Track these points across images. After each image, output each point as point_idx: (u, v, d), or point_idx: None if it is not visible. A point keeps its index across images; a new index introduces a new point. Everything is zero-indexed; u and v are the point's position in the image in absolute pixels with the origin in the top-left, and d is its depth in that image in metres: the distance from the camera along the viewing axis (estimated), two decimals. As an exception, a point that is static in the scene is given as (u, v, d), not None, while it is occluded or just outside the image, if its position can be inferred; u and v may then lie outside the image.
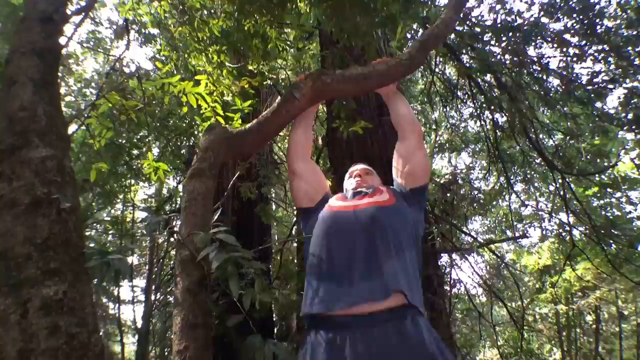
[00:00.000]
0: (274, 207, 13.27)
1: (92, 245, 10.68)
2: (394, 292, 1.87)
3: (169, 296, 11.47)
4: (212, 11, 4.24)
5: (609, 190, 10.51)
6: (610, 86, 6.77)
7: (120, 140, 8.99)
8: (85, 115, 3.62)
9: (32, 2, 2.81)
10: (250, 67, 4.03)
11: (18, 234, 1.97)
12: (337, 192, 2.52)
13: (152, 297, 11.94)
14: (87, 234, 11.67)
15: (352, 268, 1.96)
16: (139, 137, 9.55)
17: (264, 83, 4.16)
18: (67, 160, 2.32)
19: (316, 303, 1.95)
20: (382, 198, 2.28)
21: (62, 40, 2.84)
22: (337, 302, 1.89)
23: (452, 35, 7.30)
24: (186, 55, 4.18)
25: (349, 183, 2.58)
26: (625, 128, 7.10)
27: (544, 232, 14.38)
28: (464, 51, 7.74)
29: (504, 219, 13.75)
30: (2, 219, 2.00)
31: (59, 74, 2.72)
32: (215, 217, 2.66)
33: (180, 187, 11.52)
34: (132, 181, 11.40)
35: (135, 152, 9.78)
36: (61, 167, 2.24)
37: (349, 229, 2.11)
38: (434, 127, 12.97)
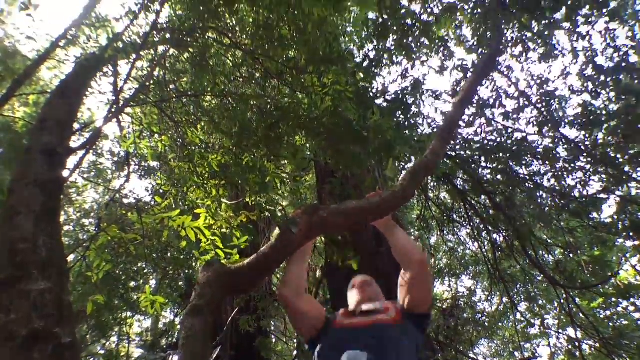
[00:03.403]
0: (273, 340, 12.87)
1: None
2: None
3: None
4: (211, 146, 4.39)
5: (613, 300, 10.33)
6: (604, 196, 6.91)
7: (117, 272, 8.92)
8: (84, 246, 3.63)
9: (37, 135, 2.92)
10: (247, 200, 4.10)
11: (14, 368, 1.91)
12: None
13: None
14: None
15: None
16: (136, 269, 9.49)
17: (262, 215, 4.22)
18: (65, 294, 2.30)
19: None
20: (389, 316, 2.48)
21: (65, 173, 2.91)
22: None
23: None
24: (185, 189, 4.26)
25: (353, 295, 2.76)
26: (623, 235, 7.15)
27: (552, 350, 13.92)
28: (456, 174, 7.95)
29: (511, 340, 13.41)
30: None
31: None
32: (215, 354, 2.59)
33: (177, 320, 11.30)
34: (128, 314, 11.18)
35: (132, 284, 9.67)
36: (59, 301, 2.22)
37: (358, 344, 2.29)
38: (432, 252, 12.97)
